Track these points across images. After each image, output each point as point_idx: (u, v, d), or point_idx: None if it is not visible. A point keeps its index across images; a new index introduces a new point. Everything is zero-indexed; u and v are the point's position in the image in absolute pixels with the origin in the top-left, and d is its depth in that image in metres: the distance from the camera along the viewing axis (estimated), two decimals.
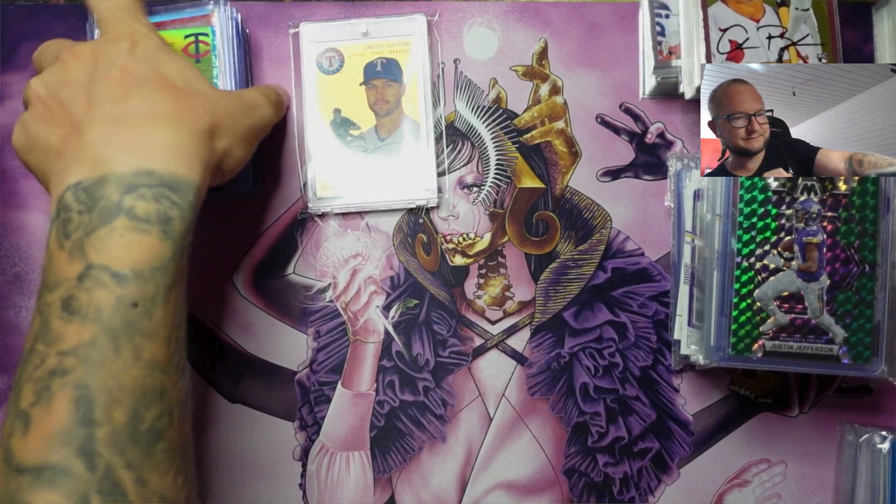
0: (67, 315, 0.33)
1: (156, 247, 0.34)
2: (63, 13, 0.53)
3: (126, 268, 0.33)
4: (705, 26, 0.46)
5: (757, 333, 0.43)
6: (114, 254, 0.33)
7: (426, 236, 0.51)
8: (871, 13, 0.52)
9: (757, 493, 0.49)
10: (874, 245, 0.43)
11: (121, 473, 0.31)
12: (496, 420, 0.50)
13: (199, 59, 0.46)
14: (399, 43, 0.51)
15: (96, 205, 0.34)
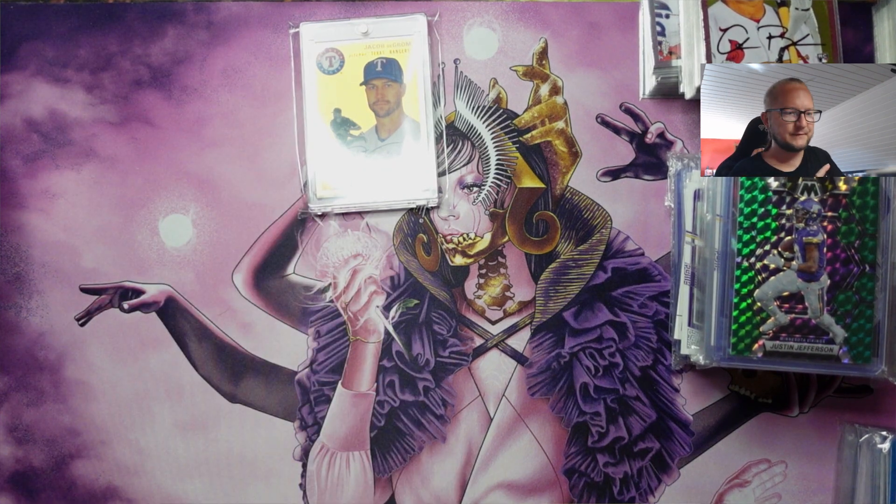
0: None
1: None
2: (63, 13, 0.53)
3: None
4: (705, 26, 0.46)
5: (757, 333, 0.43)
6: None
7: (426, 236, 0.51)
8: (871, 13, 0.52)
9: (757, 493, 0.49)
10: (874, 245, 0.43)
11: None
12: (496, 420, 0.50)
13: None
14: (399, 43, 0.51)
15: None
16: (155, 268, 0.51)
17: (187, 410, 0.50)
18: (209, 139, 0.52)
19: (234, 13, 0.53)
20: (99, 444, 0.50)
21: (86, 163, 0.52)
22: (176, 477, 0.50)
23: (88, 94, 0.52)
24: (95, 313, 0.51)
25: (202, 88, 0.52)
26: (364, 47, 0.51)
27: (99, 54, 0.52)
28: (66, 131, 0.52)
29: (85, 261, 0.51)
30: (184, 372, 0.51)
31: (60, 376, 0.51)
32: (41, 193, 0.51)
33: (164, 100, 0.52)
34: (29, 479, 0.50)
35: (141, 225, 0.51)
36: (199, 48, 0.52)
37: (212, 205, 0.51)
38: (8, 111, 0.52)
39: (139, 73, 0.52)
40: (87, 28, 0.52)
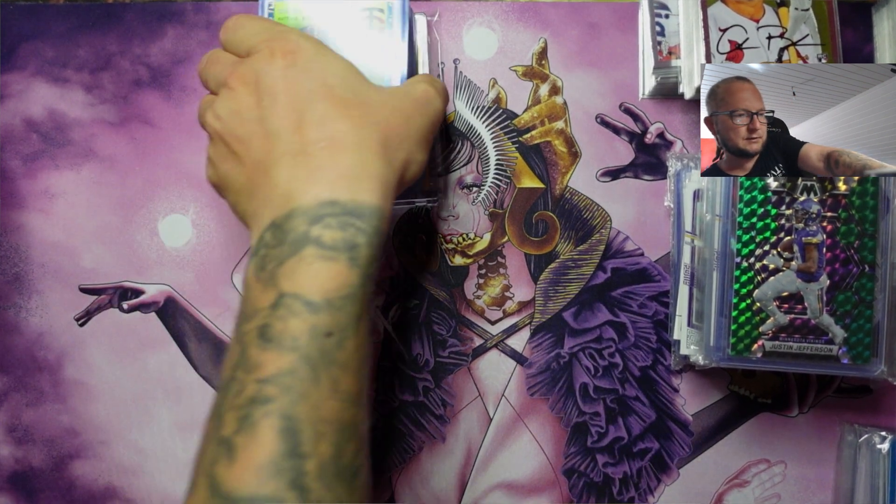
0: (263, 343, 0.32)
1: (344, 274, 0.34)
2: (63, 13, 0.53)
3: (317, 296, 0.33)
4: (705, 26, 0.46)
5: (756, 334, 0.43)
6: (305, 282, 0.33)
7: (426, 236, 0.51)
8: (871, 13, 0.52)
9: (756, 494, 0.49)
10: (874, 245, 0.43)
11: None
12: (496, 420, 0.50)
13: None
14: None
15: (286, 237, 0.34)
16: (154, 268, 0.51)
17: (187, 411, 0.50)
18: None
19: (234, 13, 0.53)
20: (98, 444, 0.50)
21: (85, 163, 0.52)
22: (176, 477, 0.50)
23: (88, 94, 0.52)
24: (95, 313, 0.51)
25: (202, 89, 0.52)
26: None
27: (98, 54, 0.52)
28: (65, 131, 0.52)
29: (84, 261, 0.51)
30: (183, 372, 0.51)
31: (60, 376, 0.51)
32: (40, 194, 0.51)
33: (163, 100, 0.52)
34: (28, 480, 0.50)
35: (140, 225, 0.51)
36: (198, 48, 0.52)
37: (212, 205, 0.51)
38: (7, 111, 0.52)
39: (139, 73, 0.52)
40: (86, 28, 0.52)
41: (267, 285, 0.34)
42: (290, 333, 0.32)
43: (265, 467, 0.30)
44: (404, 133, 0.39)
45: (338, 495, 0.31)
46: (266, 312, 0.33)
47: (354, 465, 0.32)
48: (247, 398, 0.31)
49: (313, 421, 0.31)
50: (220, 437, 0.31)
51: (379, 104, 0.38)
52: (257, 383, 0.31)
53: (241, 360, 0.33)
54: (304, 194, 0.35)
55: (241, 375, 0.32)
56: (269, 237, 0.35)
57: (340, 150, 0.36)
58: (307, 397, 0.31)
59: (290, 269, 0.33)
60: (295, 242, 0.34)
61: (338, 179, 0.35)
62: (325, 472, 0.31)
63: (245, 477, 0.30)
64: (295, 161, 0.36)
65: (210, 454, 0.31)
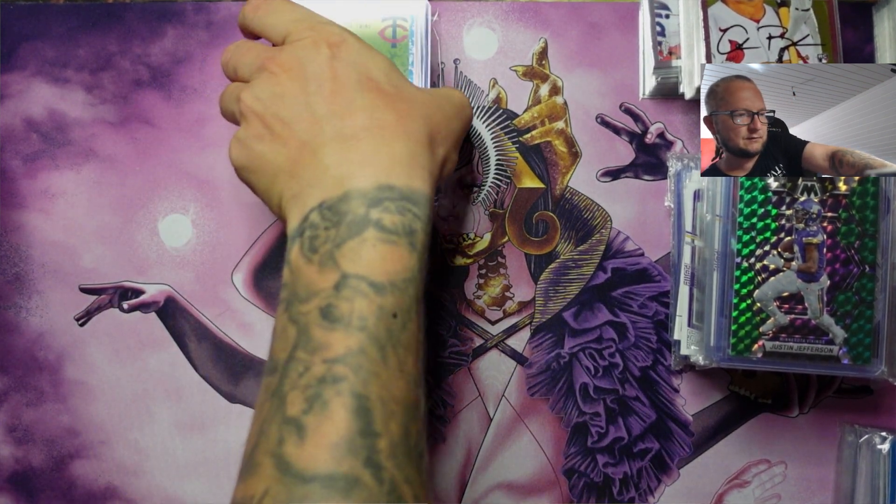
0: (328, 323, 0.32)
1: (405, 258, 0.34)
2: (64, 13, 0.53)
3: (383, 278, 0.33)
4: (705, 26, 0.46)
5: (757, 334, 0.43)
6: (369, 264, 0.33)
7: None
8: (871, 13, 0.52)
9: (757, 494, 0.49)
10: (874, 246, 0.43)
11: (402, 488, 0.31)
12: (496, 420, 0.50)
13: (396, 44, 0.45)
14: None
15: (343, 219, 0.34)
16: (154, 268, 0.51)
17: (187, 410, 0.50)
18: (209, 139, 0.52)
19: (234, 13, 0.53)
20: (98, 444, 0.50)
21: (85, 163, 0.52)
22: (176, 477, 0.50)
23: (88, 94, 0.52)
24: (95, 313, 0.51)
25: (202, 88, 0.52)
26: None
27: (99, 54, 0.52)
28: (65, 131, 0.52)
29: (84, 261, 0.51)
30: (183, 372, 0.51)
31: (60, 376, 0.51)
32: (41, 193, 0.51)
33: (163, 100, 0.52)
34: (28, 479, 0.50)
35: (140, 225, 0.51)
36: (199, 48, 0.52)
37: (212, 205, 0.51)
38: (7, 111, 0.52)
39: (139, 74, 0.52)
40: (86, 28, 0.52)
41: (324, 266, 0.33)
42: (358, 314, 0.32)
43: (340, 445, 0.30)
44: (446, 131, 0.40)
45: (407, 475, 0.31)
46: (328, 293, 0.33)
47: (420, 447, 0.33)
48: (314, 378, 0.31)
49: (384, 400, 0.31)
50: (285, 417, 0.31)
51: (422, 102, 0.39)
52: (325, 363, 0.31)
53: (302, 340, 0.32)
54: (360, 177, 0.35)
55: (304, 356, 0.32)
56: (318, 218, 0.35)
57: (392, 137, 0.36)
58: (377, 377, 0.31)
59: (351, 251, 0.33)
60: (354, 224, 0.34)
61: (392, 165, 0.35)
62: (396, 451, 0.31)
63: (319, 455, 0.30)
64: (346, 145, 0.36)
65: (275, 434, 0.31)
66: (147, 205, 0.51)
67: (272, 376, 0.33)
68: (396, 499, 0.30)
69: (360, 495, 0.29)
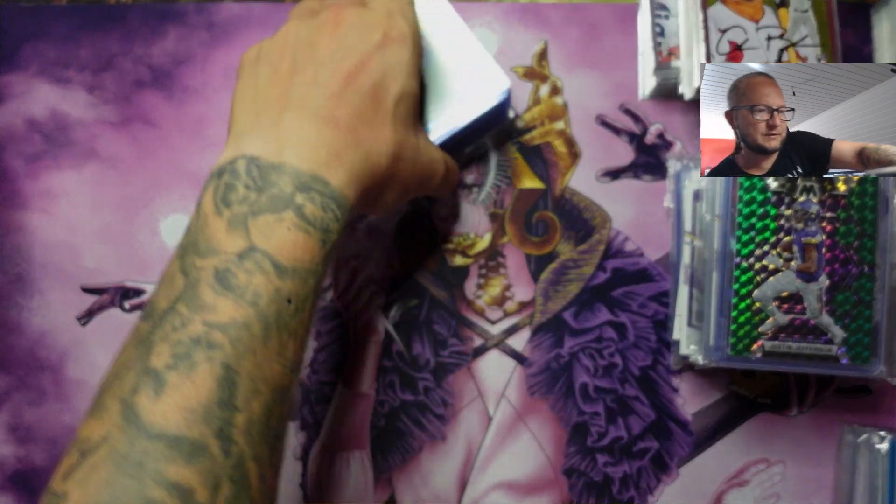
0: (221, 288, 0.32)
1: (314, 250, 0.34)
2: (65, 14, 0.53)
3: (288, 262, 0.33)
4: (705, 27, 0.46)
5: (756, 334, 0.43)
6: (279, 244, 0.33)
7: (426, 236, 0.51)
8: (869, 14, 0.52)
9: (756, 493, 0.49)
10: (873, 246, 0.43)
11: (249, 465, 0.31)
12: (496, 420, 0.50)
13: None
14: None
15: (267, 188, 0.34)
16: (156, 268, 0.51)
17: None
18: (210, 140, 0.52)
19: (235, 14, 0.53)
20: None
21: (87, 163, 0.52)
22: None
23: (90, 95, 0.52)
24: (97, 313, 0.51)
25: (203, 89, 0.52)
26: None
27: (100, 55, 0.52)
28: (67, 132, 0.52)
29: (86, 261, 0.51)
30: None
31: (62, 376, 0.51)
32: (42, 194, 0.52)
33: (165, 100, 0.52)
34: (30, 479, 0.50)
35: (142, 225, 0.51)
36: (200, 49, 0.52)
37: None
38: (9, 112, 0.52)
39: (140, 74, 0.52)
40: (88, 29, 0.53)
41: (234, 229, 0.33)
42: (254, 289, 0.32)
43: (196, 411, 0.30)
44: (405, 185, 0.40)
45: (258, 454, 0.31)
46: (230, 258, 0.32)
47: (280, 429, 0.33)
48: (189, 336, 0.31)
49: (253, 378, 0.31)
50: (147, 367, 0.30)
51: (409, 147, 0.39)
52: (205, 325, 0.31)
53: (188, 295, 0.32)
54: (304, 158, 0.34)
55: (185, 311, 0.31)
56: (243, 170, 0.34)
57: (356, 147, 0.36)
58: (254, 354, 0.31)
59: (266, 226, 0.33)
60: (277, 199, 0.33)
61: (341, 167, 0.35)
62: (252, 429, 0.31)
63: (171, 414, 0.29)
64: (313, 123, 0.36)
65: (131, 381, 0.31)
66: (148, 205, 0.52)
67: (146, 322, 0.33)
68: (240, 475, 0.30)
69: (203, 464, 0.29)
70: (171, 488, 0.28)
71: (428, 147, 0.42)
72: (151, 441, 0.29)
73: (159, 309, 0.32)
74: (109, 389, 0.31)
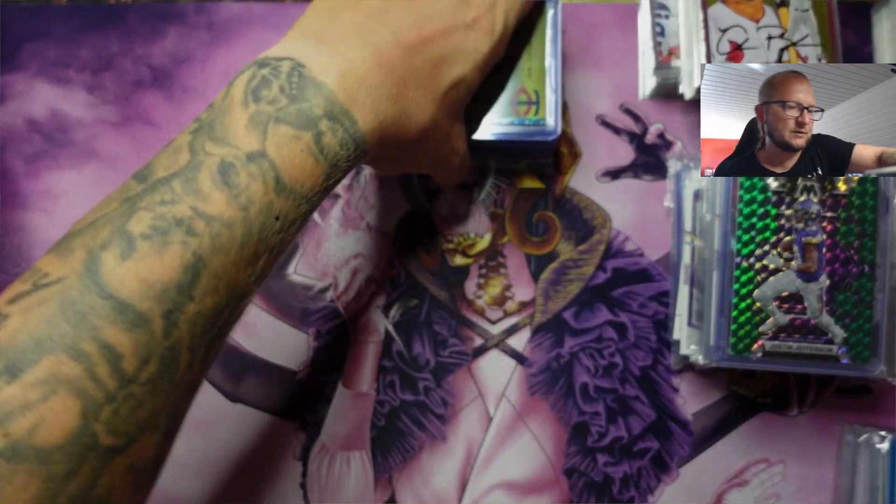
0: (221, 180, 0.32)
1: (317, 180, 0.34)
2: (65, 14, 0.53)
3: (290, 181, 0.33)
4: (705, 27, 0.46)
5: (756, 334, 0.43)
6: (288, 162, 0.33)
7: (426, 236, 0.51)
8: (870, 14, 0.52)
9: (756, 493, 0.49)
10: (873, 245, 0.43)
11: (183, 352, 0.31)
12: (496, 420, 0.50)
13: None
14: None
15: (299, 100, 0.33)
16: None
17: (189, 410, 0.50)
18: None
19: (235, 14, 0.53)
20: None
21: (87, 163, 0.52)
22: (176, 476, 0.50)
23: (90, 95, 0.52)
24: None
25: (203, 89, 0.52)
26: None
27: (100, 55, 0.52)
28: (67, 132, 0.52)
29: None
30: None
31: None
32: (43, 194, 0.52)
33: (165, 100, 0.52)
34: None
35: None
36: (200, 49, 0.52)
37: None
38: (9, 112, 0.52)
39: (140, 74, 0.52)
40: (88, 29, 0.53)
41: (254, 127, 0.33)
42: (249, 194, 0.32)
43: (153, 286, 0.30)
44: (419, 159, 0.41)
45: (194, 345, 0.31)
46: (239, 155, 0.32)
47: (224, 330, 0.33)
48: (174, 215, 0.31)
49: (217, 276, 0.31)
50: (123, 228, 0.31)
51: (443, 131, 0.40)
52: (192, 211, 0.31)
53: (187, 175, 0.32)
54: (346, 88, 0.34)
55: (179, 190, 0.31)
56: (286, 74, 0.34)
57: (401, 105, 0.36)
58: (226, 255, 0.31)
59: (283, 137, 0.33)
60: (303, 116, 0.33)
61: (373, 113, 0.35)
62: (198, 322, 0.31)
63: (128, 281, 0.30)
64: (377, 62, 0.35)
65: (104, 235, 0.31)
66: None
67: (138, 182, 0.32)
68: (171, 357, 0.30)
69: (140, 336, 0.29)
70: (102, 347, 0.29)
71: (457, 138, 0.42)
72: (102, 299, 0.29)
73: (155, 175, 0.32)
74: (82, 235, 0.31)
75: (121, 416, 0.29)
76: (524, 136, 0.44)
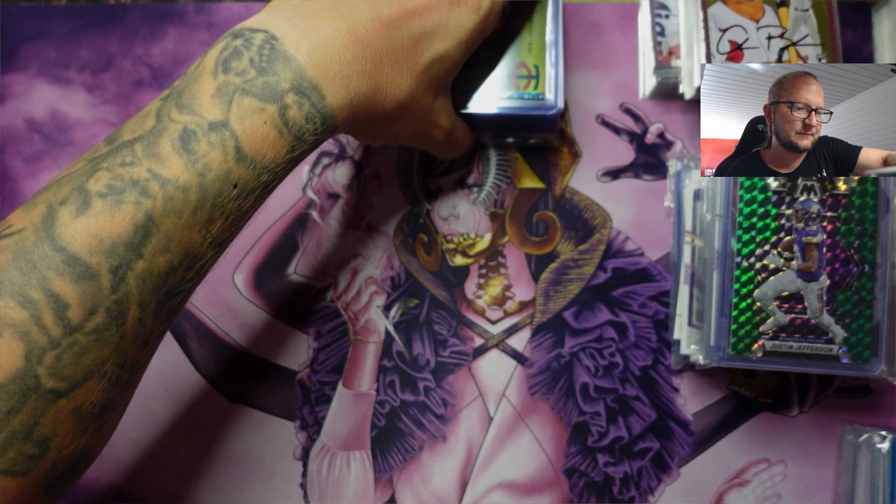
0: (181, 146, 0.32)
1: (279, 153, 0.34)
2: (65, 14, 0.53)
3: (251, 152, 0.33)
4: (705, 27, 0.46)
5: (757, 333, 0.43)
6: (249, 133, 0.33)
7: (426, 236, 0.51)
8: (870, 14, 0.52)
9: (756, 493, 0.49)
10: (874, 245, 0.43)
11: (131, 307, 0.32)
12: (496, 420, 0.50)
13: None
14: None
15: (267, 73, 0.34)
16: None
17: (188, 410, 0.50)
18: None
19: (235, 14, 0.53)
20: None
21: None
22: (176, 477, 0.50)
23: (90, 95, 0.52)
24: None
25: None
26: None
27: (100, 55, 0.52)
28: (67, 132, 0.52)
29: None
30: (185, 372, 0.51)
31: None
32: None
33: None
34: None
35: None
36: (200, 49, 0.52)
37: None
38: (9, 112, 0.52)
39: (140, 74, 0.52)
40: (88, 29, 0.53)
41: (220, 97, 0.33)
42: (207, 161, 0.33)
43: (103, 242, 0.31)
44: (398, 132, 0.41)
45: (144, 301, 0.32)
46: (202, 123, 0.33)
47: (178, 288, 0.34)
48: (131, 176, 0.32)
49: (169, 236, 0.32)
50: (82, 187, 0.32)
51: (423, 105, 0.40)
52: (149, 174, 0.32)
53: (150, 140, 0.33)
54: (315, 64, 0.35)
55: (140, 153, 0.32)
56: (257, 46, 0.34)
57: (374, 81, 0.37)
58: (179, 217, 0.32)
59: (247, 110, 0.33)
60: (268, 89, 0.34)
61: (343, 88, 0.35)
62: (147, 279, 0.32)
63: (79, 235, 0.31)
64: (350, 38, 0.36)
65: (65, 191, 0.32)
66: None
67: (106, 144, 0.33)
68: (119, 311, 0.31)
69: (87, 289, 0.30)
70: (49, 296, 0.30)
71: (440, 113, 0.42)
72: (53, 251, 0.30)
73: (121, 139, 0.33)
74: (47, 191, 0.33)
75: (64, 361, 0.30)
76: (525, 110, 0.45)
